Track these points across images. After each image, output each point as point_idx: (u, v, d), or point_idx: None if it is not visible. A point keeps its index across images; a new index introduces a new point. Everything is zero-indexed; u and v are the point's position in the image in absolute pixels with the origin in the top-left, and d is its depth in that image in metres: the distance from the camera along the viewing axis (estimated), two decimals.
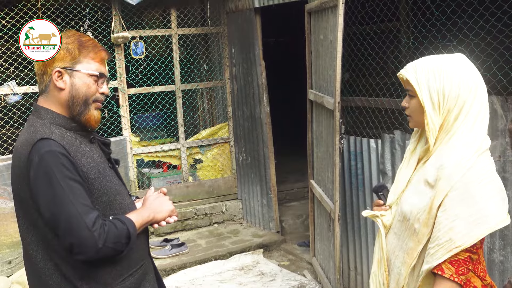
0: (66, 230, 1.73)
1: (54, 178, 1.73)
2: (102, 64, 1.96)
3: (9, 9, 5.07)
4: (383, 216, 2.06)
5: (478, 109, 1.80)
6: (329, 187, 4.19)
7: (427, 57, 1.89)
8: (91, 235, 1.72)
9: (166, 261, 5.21)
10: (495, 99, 2.92)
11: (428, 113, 1.81)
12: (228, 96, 6.24)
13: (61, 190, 1.73)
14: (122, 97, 5.76)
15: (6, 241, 4.83)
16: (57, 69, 1.87)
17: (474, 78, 1.81)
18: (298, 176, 7.05)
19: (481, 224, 1.71)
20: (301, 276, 4.87)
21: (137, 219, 1.91)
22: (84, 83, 1.90)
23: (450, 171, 1.76)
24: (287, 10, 5.74)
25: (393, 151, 3.70)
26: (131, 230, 1.84)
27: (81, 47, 1.90)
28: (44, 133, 1.81)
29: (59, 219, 1.74)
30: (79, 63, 1.89)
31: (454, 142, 1.80)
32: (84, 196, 1.78)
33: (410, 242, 1.89)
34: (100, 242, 1.73)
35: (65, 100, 1.89)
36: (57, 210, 1.74)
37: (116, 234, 1.79)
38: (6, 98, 5.25)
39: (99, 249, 1.74)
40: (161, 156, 6.10)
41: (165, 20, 6.13)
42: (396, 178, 2.05)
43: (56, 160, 1.75)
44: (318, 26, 4.36)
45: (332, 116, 3.91)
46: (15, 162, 1.86)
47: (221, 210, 6.21)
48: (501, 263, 3.02)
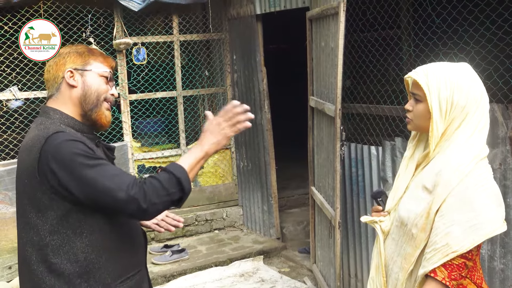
0: (107, 201, 1.74)
1: (78, 161, 1.74)
2: (110, 67, 2.03)
3: (11, 14, 5.09)
4: (382, 222, 2.07)
5: (479, 119, 1.82)
6: (330, 194, 4.19)
7: (437, 64, 1.90)
8: (132, 199, 1.72)
9: (166, 267, 5.20)
10: (496, 106, 2.93)
11: (435, 120, 1.83)
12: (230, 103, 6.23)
13: (90, 169, 1.74)
14: (124, 103, 5.77)
15: (7, 246, 4.83)
16: (69, 69, 1.93)
17: (480, 89, 1.84)
18: (299, 183, 7.05)
19: (477, 230, 1.72)
20: (301, 283, 4.86)
21: (187, 160, 1.85)
22: (95, 82, 1.96)
23: (448, 177, 1.77)
24: (289, 17, 5.75)
25: (394, 158, 3.70)
26: (179, 175, 1.79)
27: (90, 52, 1.99)
28: (55, 129, 1.82)
29: (97, 193, 1.74)
30: (89, 64, 1.97)
31: (452, 149, 1.82)
32: (113, 168, 1.81)
33: (407, 247, 1.90)
34: (143, 203, 1.73)
35: (77, 97, 1.94)
36: (91, 189, 1.74)
37: (161, 187, 1.76)
38: (8, 104, 5.26)
39: (145, 210, 1.74)
40: (162, 162, 6.10)
41: (167, 27, 6.15)
42: (395, 184, 2.06)
43: (75, 146, 1.76)
44: (319, 33, 4.38)
45: (333, 123, 3.92)
46: (23, 157, 1.84)
47: (222, 216, 6.21)
48: (502, 271, 3.01)
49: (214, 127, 1.91)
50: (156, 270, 5.07)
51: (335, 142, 3.87)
